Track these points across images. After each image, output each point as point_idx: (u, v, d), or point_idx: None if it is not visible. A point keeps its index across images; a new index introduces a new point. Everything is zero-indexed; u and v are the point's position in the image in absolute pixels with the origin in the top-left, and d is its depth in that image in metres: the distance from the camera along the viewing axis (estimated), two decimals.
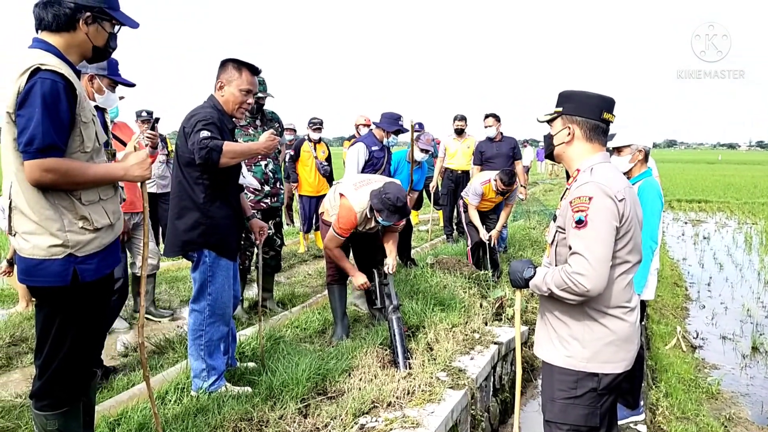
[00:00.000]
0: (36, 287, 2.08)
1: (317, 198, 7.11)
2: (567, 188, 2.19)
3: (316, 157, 7.35)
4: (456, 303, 4.68)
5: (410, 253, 6.45)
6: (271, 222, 4.73)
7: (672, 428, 3.56)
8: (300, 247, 7.84)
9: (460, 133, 8.02)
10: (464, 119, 8.06)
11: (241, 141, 4.20)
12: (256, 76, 3.14)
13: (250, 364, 3.53)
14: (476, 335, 4.20)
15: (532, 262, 2.24)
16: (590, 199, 1.99)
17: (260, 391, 3.09)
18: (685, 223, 13.85)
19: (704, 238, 11.57)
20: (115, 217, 2.22)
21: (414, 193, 6.38)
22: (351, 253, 4.52)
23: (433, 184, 8.54)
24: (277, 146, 3.14)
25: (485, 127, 7.37)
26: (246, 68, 3.07)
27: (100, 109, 3.35)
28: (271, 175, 4.66)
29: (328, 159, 7.52)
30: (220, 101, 3.06)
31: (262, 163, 4.61)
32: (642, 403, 3.61)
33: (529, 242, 8.20)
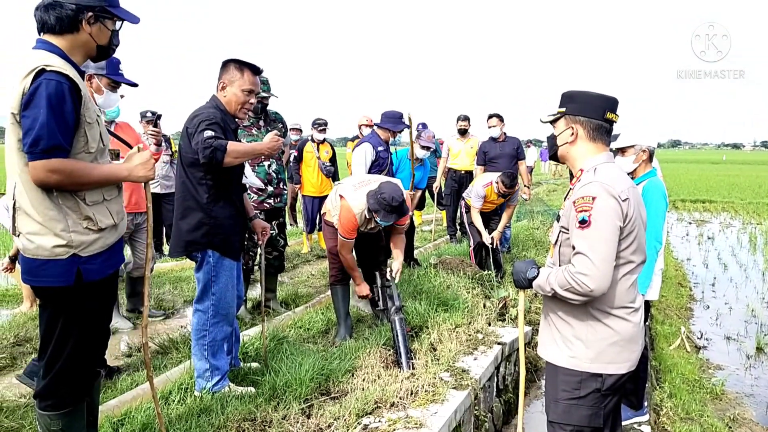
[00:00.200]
0: (40, 287, 2.09)
1: (320, 198, 7.12)
2: (570, 188, 2.19)
3: (318, 158, 7.36)
4: (459, 303, 4.68)
5: (413, 254, 6.45)
6: (274, 222, 4.73)
7: (676, 429, 3.55)
8: (303, 248, 7.85)
9: (464, 133, 8.02)
10: (467, 119, 8.05)
11: (245, 141, 4.20)
12: (257, 76, 3.14)
13: (254, 364, 3.54)
14: (479, 335, 4.19)
15: (535, 262, 2.24)
16: (594, 199, 1.99)
17: (263, 392, 3.09)
18: (690, 223, 13.82)
19: (708, 238, 11.54)
20: (119, 217, 2.23)
21: (417, 191, 6.38)
22: (354, 254, 4.52)
23: (436, 184, 8.54)
24: (281, 147, 3.14)
25: (489, 127, 7.37)
26: (248, 68, 3.08)
27: None
28: (275, 175, 4.66)
29: (332, 159, 7.52)
30: (223, 101, 3.06)
31: (266, 163, 4.61)
32: (646, 403, 3.60)
33: (532, 242, 8.19)
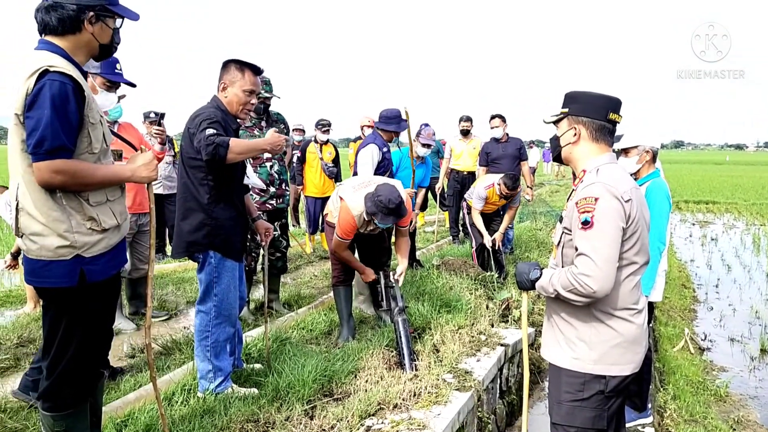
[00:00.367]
0: (43, 288, 2.09)
1: (322, 199, 7.12)
2: (573, 189, 2.18)
3: (321, 159, 7.36)
4: (462, 304, 4.67)
5: (416, 255, 6.44)
6: (276, 223, 4.73)
7: (680, 431, 3.53)
8: (306, 249, 7.85)
9: (466, 134, 8.02)
10: (470, 120, 8.05)
11: None
12: (259, 76, 3.15)
13: (257, 365, 3.54)
14: (482, 337, 4.19)
15: (538, 263, 2.23)
16: (596, 199, 1.98)
17: (266, 393, 3.09)
18: (693, 224, 13.77)
19: (712, 239, 11.50)
20: (122, 217, 2.23)
21: (421, 189, 6.37)
22: (356, 254, 4.52)
23: (438, 185, 8.54)
24: (283, 144, 3.12)
25: (491, 128, 7.36)
26: (248, 68, 3.08)
27: None
28: (277, 176, 4.66)
29: (336, 160, 7.52)
30: (224, 102, 3.06)
31: (268, 164, 4.61)
32: (650, 405, 3.59)
33: (535, 243, 8.18)
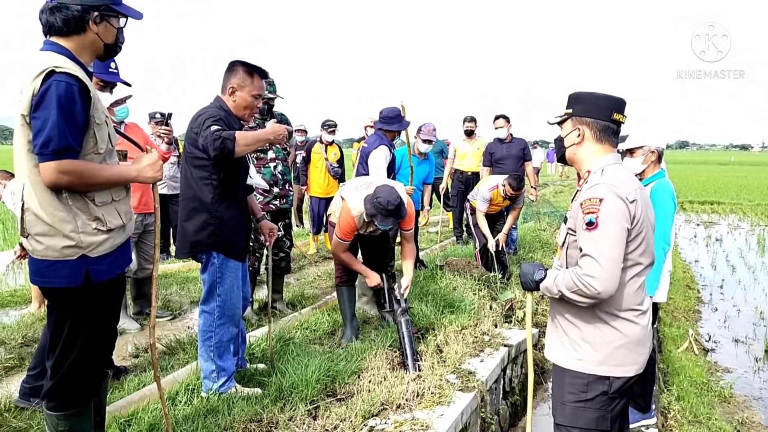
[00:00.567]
0: (48, 288, 2.10)
1: (326, 200, 7.13)
2: (578, 190, 2.18)
3: (326, 159, 7.37)
4: (466, 305, 4.67)
5: (419, 255, 6.43)
6: (280, 224, 4.73)
7: None
8: (310, 249, 7.85)
9: (470, 134, 8.00)
10: (474, 120, 8.04)
11: None
12: (264, 80, 3.16)
13: (260, 365, 3.54)
14: (486, 337, 4.18)
15: (542, 264, 2.23)
16: (601, 200, 1.98)
17: (270, 393, 3.10)
18: (698, 224, 13.74)
19: (717, 240, 11.47)
20: (127, 217, 2.24)
21: (427, 187, 6.36)
22: (359, 255, 4.52)
23: (442, 185, 8.54)
24: (284, 133, 3.13)
25: (495, 128, 7.35)
26: (257, 73, 3.09)
27: None
28: (280, 176, 4.66)
29: (340, 161, 7.53)
30: (231, 106, 3.06)
31: (271, 164, 4.62)
32: (653, 406, 3.58)
33: (539, 244, 8.16)
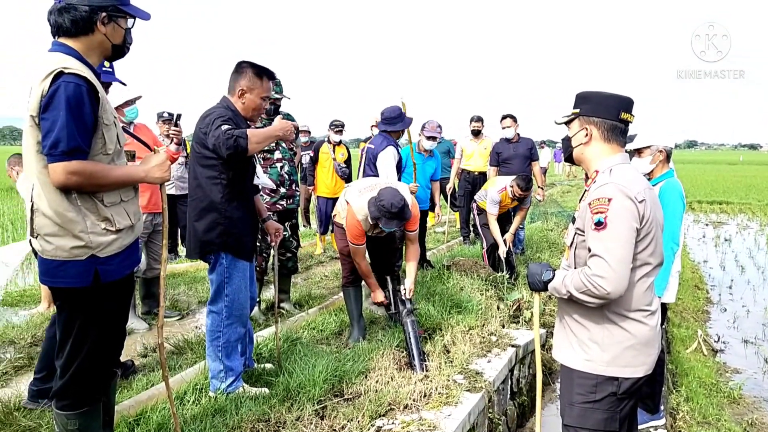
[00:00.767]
0: (58, 288, 2.11)
1: (334, 200, 7.14)
2: (585, 190, 2.17)
3: (334, 159, 7.38)
4: (473, 305, 4.66)
5: (426, 255, 6.43)
6: (286, 224, 4.74)
7: None
8: (316, 249, 7.86)
9: (477, 134, 7.99)
10: (481, 120, 8.03)
11: None
12: (271, 81, 3.18)
13: (268, 365, 3.55)
14: (493, 338, 4.17)
15: (550, 264, 2.22)
16: (609, 200, 1.97)
17: (277, 393, 3.10)
18: (706, 224, 13.64)
19: (725, 240, 11.38)
20: (136, 218, 2.25)
21: (435, 184, 6.36)
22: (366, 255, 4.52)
23: (449, 185, 8.52)
24: (292, 129, 3.15)
25: (503, 128, 7.33)
26: (265, 75, 3.11)
27: None
28: (287, 177, 4.67)
29: (348, 161, 7.54)
30: (240, 107, 3.08)
31: (278, 165, 4.63)
32: (662, 407, 3.56)
33: (546, 244, 8.13)
